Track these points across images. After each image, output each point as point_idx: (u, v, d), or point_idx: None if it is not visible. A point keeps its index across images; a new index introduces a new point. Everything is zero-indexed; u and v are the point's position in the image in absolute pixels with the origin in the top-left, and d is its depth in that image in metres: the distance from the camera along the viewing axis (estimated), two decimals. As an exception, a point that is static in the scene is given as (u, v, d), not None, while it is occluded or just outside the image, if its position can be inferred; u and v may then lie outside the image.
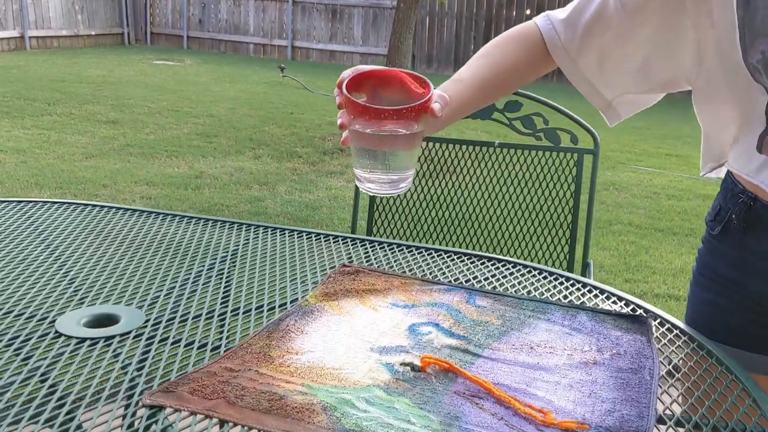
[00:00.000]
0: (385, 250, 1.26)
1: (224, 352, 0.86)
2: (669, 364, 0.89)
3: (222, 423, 0.71)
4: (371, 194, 0.99)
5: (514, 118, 1.63)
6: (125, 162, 4.98)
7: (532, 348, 0.90)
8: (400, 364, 0.85)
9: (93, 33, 12.19)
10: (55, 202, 1.43)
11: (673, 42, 0.96)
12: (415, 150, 0.95)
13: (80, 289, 1.03)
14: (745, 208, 0.95)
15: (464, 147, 1.73)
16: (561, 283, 1.14)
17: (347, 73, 0.92)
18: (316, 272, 1.14)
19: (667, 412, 0.78)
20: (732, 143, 0.98)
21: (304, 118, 6.77)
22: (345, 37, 11.83)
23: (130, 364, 0.82)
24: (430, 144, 1.76)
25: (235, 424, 0.71)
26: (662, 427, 0.75)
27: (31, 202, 1.43)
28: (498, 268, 1.20)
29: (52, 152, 5.11)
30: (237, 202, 4.17)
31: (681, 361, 0.90)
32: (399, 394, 0.78)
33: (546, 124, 1.62)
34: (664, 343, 0.95)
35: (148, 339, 0.89)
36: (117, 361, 0.83)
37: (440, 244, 1.70)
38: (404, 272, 1.16)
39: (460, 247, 1.79)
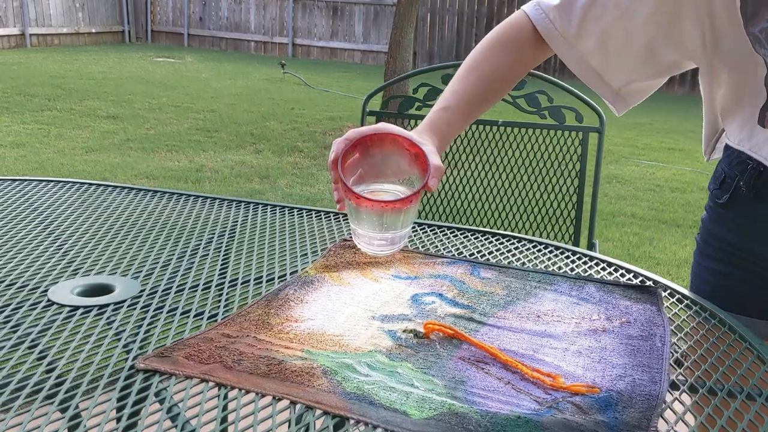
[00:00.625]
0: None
1: (222, 319, 0.83)
2: (681, 333, 0.86)
3: (219, 387, 0.69)
4: (370, 254, 1.00)
5: (517, 96, 1.60)
6: (125, 156, 4.95)
7: (538, 317, 0.88)
8: (403, 331, 0.82)
9: (93, 31, 12.17)
10: (53, 181, 1.41)
11: (675, 20, 0.92)
12: (411, 215, 0.95)
13: (74, 261, 1.00)
14: (754, 174, 0.92)
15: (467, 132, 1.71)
16: (567, 257, 1.11)
17: (340, 147, 0.89)
18: (316, 247, 1.11)
19: (680, 378, 0.75)
20: (732, 117, 0.95)
21: (305, 114, 6.74)
22: (346, 34, 11.80)
23: (123, 331, 0.80)
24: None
25: (232, 388, 0.68)
26: (675, 392, 0.72)
27: (26, 180, 1.40)
28: (502, 242, 1.17)
29: (51, 146, 5.09)
30: (238, 195, 4.15)
31: (692, 330, 0.87)
32: (402, 360, 0.75)
33: (550, 102, 1.59)
34: (675, 313, 0.92)
35: (143, 308, 0.86)
36: (110, 329, 0.80)
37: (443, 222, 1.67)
38: (407, 247, 1.13)
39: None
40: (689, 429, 0.64)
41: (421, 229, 1.23)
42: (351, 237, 1.15)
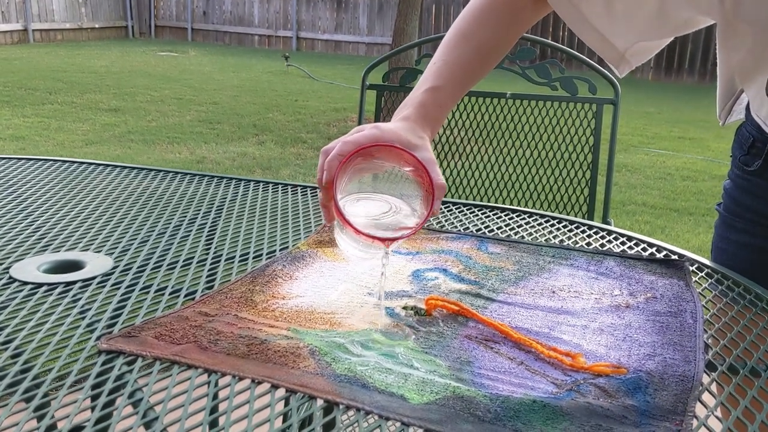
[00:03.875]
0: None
1: (201, 296, 0.75)
2: (713, 309, 0.77)
3: (191, 369, 0.60)
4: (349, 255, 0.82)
5: (527, 66, 1.51)
6: (126, 148, 4.87)
7: (554, 292, 0.79)
8: (402, 308, 0.73)
9: (96, 26, 12.11)
10: (31, 159, 1.32)
11: None
12: None
13: (45, 237, 0.92)
14: None
15: (473, 98, 1.61)
16: (583, 231, 1.02)
17: (333, 166, 0.70)
18: (310, 224, 1.02)
19: (716, 357, 0.66)
20: (749, 84, 0.85)
21: (309, 105, 6.65)
22: (350, 27, 11.70)
23: (89, 309, 0.71)
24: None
25: (206, 371, 0.60)
26: (713, 373, 0.63)
27: (4, 158, 1.32)
28: (512, 217, 1.08)
29: (51, 139, 5.02)
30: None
31: (726, 305, 0.78)
32: (401, 338, 0.67)
33: (562, 72, 1.50)
34: (705, 288, 0.83)
35: (114, 285, 0.78)
36: (75, 307, 0.72)
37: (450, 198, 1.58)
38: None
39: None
40: (732, 414, 0.55)
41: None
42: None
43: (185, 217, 1.04)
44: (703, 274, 0.87)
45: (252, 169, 4.47)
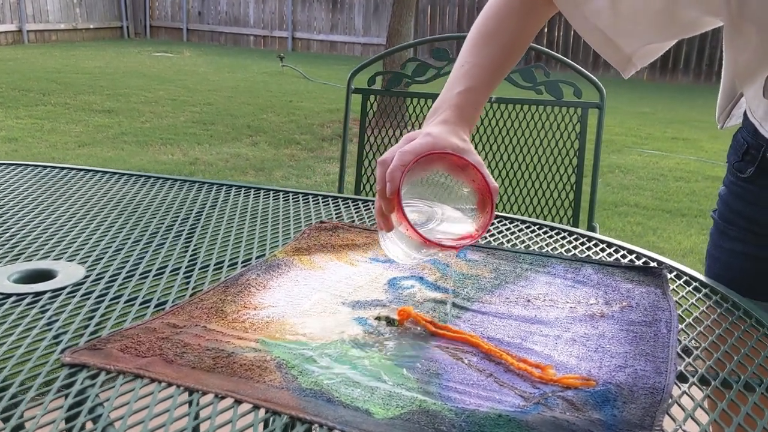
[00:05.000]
0: (370, 209, 1.14)
1: (170, 307, 0.74)
2: (689, 318, 0.76)
3: (155, 383, 0.59)
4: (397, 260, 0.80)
5: (512, 70, 1.50)
6: (119, 150, 4.86)
7: (528, 301, 0.78)
8: (375, 318, 0.73)
9: (91, 27, 12.08)
10: (11, 164, 1.31)
11: None
12: None
13: (18, 246, 0.91)
14: None
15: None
16: (563, 237, 1.01)
17: (396, 177, 0.70)
18: (289, 231, 1.01)
19: (690, 368, 0.65)
20: (749, 86, 0.85)
21: (304, 106, 6.64)
22: (346, 27, 11.68)
23: (57, 320, 0.70)
24: (422, 101, 1.64)
25: (170, 385, 0.59)
26: (684, 385, 0.62)
27: (-16, 164, 1.31)
28: (493, 223, 1.07)
29: (44, 141, 5.00)
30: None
31: (702, 315, 0.77)
32: (370, 350, 0.66)
33: (547, 76, 1.49)
34: (683, 296, 0.82)
35: (84, 295, 0.77)
36: (42, 318, 0.71)
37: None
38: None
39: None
40: (701, 428, 0.54)
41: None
42: (327, 220, 1.06)
43: (163, 223, 1.03)
44: (681, 282, 0.86)
45: (245, 171, 4.46)
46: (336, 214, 1.10)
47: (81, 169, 1.31)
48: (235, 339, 0.67)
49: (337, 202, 1.17)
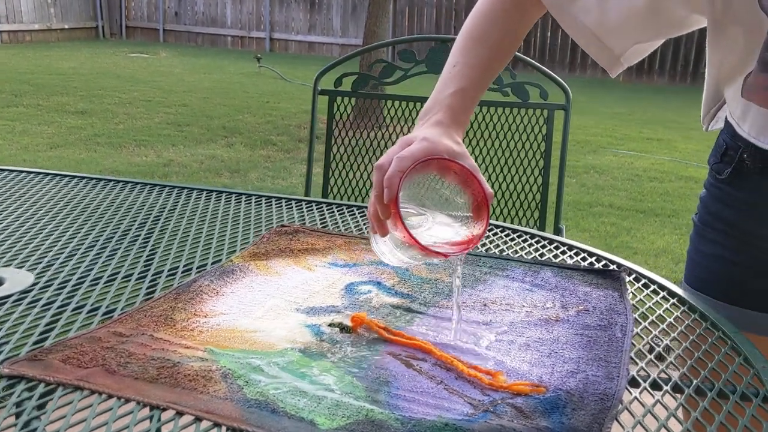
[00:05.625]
0: (341, 212, 1.13)
1: (119, 315, 0.72)
2: (645, 321, 0.76)
3: (98, 395, 0.58)
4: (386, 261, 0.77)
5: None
6: (91, 152, 4.80)
7: (485, 305, 0.77)
8: (328, 325, 0.71)
9: (66, 27, 11.93)
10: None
11: None
12: None
13: (-34, 253, 0.89)
14: (762, 150, 0.79)
15: (418, 104, 1.60)
16: (524, 240, 1.01)
17: (394, 183, 0.68)
18: (249, 235, 1.00)
19: (642, 372, 0.65)
20: (730, 86, 0.84)
21: (280, 107, 6.61)
22: (324, 28, 11.65)
23: (0, 329, 0.68)
24: (389, 102, 1.63)
25: (110, 396, 0.57)
26: (635, 390, 0.62)
27: (-61, 168, 1.28)
28: (456, 227, 1.07)
29: (15, 143, 4.92)
30: (206, 190, 4.01)
31: (658, 317, 0.77)
32: (320, 357, 0.65)
33: (513, 78, 1.49)
34: (640, 299, 0.82)
35: (31, 303, 0.75)
36: (-16, 328, 0.69)
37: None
38: (350, 232, 1.02)
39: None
40: (649, 435, 0.54)
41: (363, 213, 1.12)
42: (290, 223, 1.05)
43: (119, 228, 1.01)
44: (640, 284, 0.86)
45: (220, 172, 4.42)
46: (299, 217, 1.08)
47: (38, 173, 1.28)
48: (182, 348, 0.65)
49: (301, 205, 1.15)
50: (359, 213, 1.13)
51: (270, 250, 0.92)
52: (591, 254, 0.95)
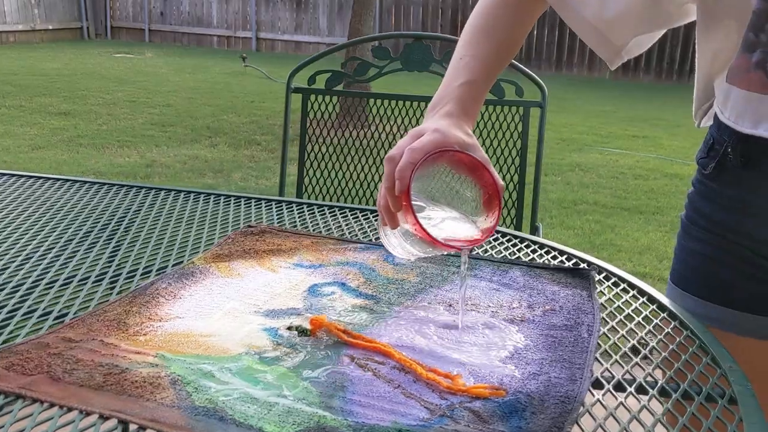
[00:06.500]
0: (311, 212, 1.10)
1: (70, 320, 0.70)
2: (613, 320, 0.74)
3: (40, 404, 0.55)
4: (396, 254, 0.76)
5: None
6: (74, 153, 4.75)
7: (450, 305, 0.76)
8: (286, 329, 0.69)
9: (50, 27, 11.83)
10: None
11: None
12: None
13: None
14: (743, 140, 0.78)
15: (399, 102, 1.58)
16: (497, 240, 0.99)
17: (406, 175, 0.66)
18: (213, 237, 0.97)
19: (606, 374, 0.63)
20: (720, 75, 0.82)
21: (266, 107, 6.57)
22: (310, 27, 11.61)
23: (-57, 337, 0.66)
24: (364, 101, 1.61)
25: (52, 405, 0.55)
26: (598, 392, 0.60)
27: None
28: (427, 225, 1.05)
29: (-4, 144, 4.87)
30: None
31: (627, 316, 0.76)
32: (275, 362, 0.63)
33: (488, 75, 1.46)
34: (609, 298, 0.80)
35: (-20, 308, 0.72)
36: (-72, 334, 0.66)
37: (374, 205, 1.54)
38: (319, 232, 1.00)
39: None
40: (608, 439, 0.52)
41: (341, 213, 1.10)
42: (257, 223, 1.02)
43: (80, 230, 0.98)
44: (610, 283, 0.84)
45: (203, 172, 4.39)
46: (268, 218, 1.06)
47: (4, 174, 1.25)
48: (132, 354, 0.63)
49: (271, 205, 1.13)
50: (330, 213, 1.11)
51: (233, 251, 0.90)
52: (562, 253, 0.93)
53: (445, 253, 0.70)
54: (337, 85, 1.57)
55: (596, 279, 0.84)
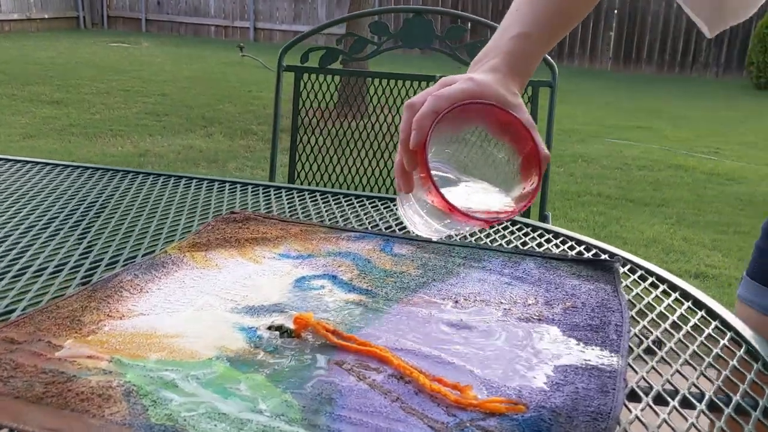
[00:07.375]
0: (301, 198, 1.01)
1: (17, 317, 0.60)
2: (644, 320, 0.65)
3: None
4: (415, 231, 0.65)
5: (457, 46, 1.38)
6: (65, 142, 4.64)
7: (456, 302, 0.66)
8: (267, 328, 0.60)
9: (46, 17, 11.68)
10: None
11: None
12: None
13: None
14: None
15: (399, 82, 1.48)
16: (505, 227, 0.90)
17: (425, 124, 0.56)
18: (192, 224, 0.88)
19: (642, 383, 0.54)
20: None
21: (263, 96, 6.46)
22: (309, 17, 11.48)
23: None
24: (360, 80, 1.51)
25: (-22, 422, 0.45)
26: (635, 406, 0.51)
27: None
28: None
29: (-14, 133, 4.76)
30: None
31: (659, 315, 0.66)
32: (252, 369, 0.53)
33: (495, 52, 1.36)
34: (637, 294, 0.71)
35: None
36: None
37: (374, 192, 1.44)
38: (309, 218, 0.91)
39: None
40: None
41: (334, 199, 1.00)
42: (241, 209, 0.93)
43: (44, 216, 0.88)
44: (636, 276, 0.75)
45: (197, 162, 4.28)
46: (254, 203, 0.96)
47: (-31, 157, 1.15)
48: (83, 358, 0.54)
49: (258, 190, 1.03)
50: (322, 200, 1.01)
51: (212, 240, 0.80)
52: (580, 242, 0.84)
53: (471, 229, 0.58)
54: (332, 63, 1.47)
55: (621, 272, 0.74)
